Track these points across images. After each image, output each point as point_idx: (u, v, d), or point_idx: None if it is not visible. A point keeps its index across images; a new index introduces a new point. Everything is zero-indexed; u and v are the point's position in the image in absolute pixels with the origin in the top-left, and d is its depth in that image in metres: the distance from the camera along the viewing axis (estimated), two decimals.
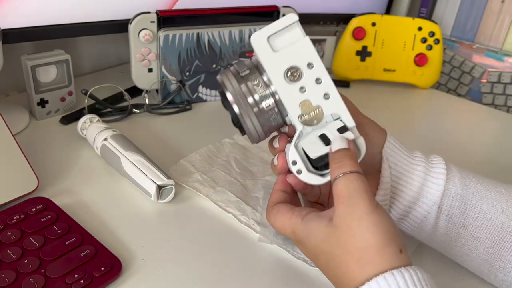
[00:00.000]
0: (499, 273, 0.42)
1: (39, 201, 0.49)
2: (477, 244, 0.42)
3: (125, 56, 0.72)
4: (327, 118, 0.39)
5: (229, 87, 0.39)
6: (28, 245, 0.43)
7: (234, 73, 0.39)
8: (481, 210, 0.41)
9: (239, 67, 0.39)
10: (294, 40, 0.38)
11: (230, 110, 0.40)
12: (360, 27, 0.83)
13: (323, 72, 0.39)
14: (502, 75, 0.89)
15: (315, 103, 0.38)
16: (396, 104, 0.83)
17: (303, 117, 0.38)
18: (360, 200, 0.34)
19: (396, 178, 0.43)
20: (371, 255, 0.33)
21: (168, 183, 0.51)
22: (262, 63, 0.38)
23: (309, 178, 0.39)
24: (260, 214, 0.50)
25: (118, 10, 0.68)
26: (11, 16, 0.61)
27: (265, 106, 0.39)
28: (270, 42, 0.38)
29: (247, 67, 0.39)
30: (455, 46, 0.93)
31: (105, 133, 0.57)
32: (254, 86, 0.39)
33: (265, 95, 0.39)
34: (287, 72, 0.38)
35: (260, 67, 0.39)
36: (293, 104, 0.38)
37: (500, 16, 0.87)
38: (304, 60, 0.38)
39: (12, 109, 0.67)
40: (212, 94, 0.76)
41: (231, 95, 0.39)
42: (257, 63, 0.40)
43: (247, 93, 0.39)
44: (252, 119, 0.39)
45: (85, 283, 0.40)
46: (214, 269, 0.44)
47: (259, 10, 0.73)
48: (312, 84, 0.38)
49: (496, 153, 0.69)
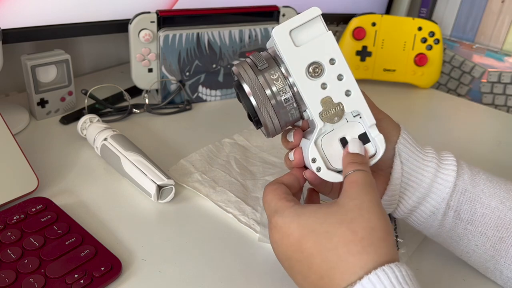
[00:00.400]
0: (505, 269, 0.42)
1: (39, 201, 0.49)
2: (484, 240, 0.42)
3: (125, 56, 0.72)
4: (348, 116, 0.39)
5: (245, 78, 0.38)
6: (28, 245, 0.43)
7: (251, 65, 0.39)
8: (490, 207, 0.41)
9: (256, 59, 0.38)
10: (317, 35, 0.37)
11: (245, 103, 0.39)
12: (360, 27, 0.83)
13: (345, 68, 0.38)
14: (502, 75, 0.89)
15: (337, 100, 0.38)
16: (396, 104, 0.82)
17: (324, 114, 0.38)
18: (371, 189, 0.35)
19: (407, 173, 0.43)
20: (375, 238, 0.32)
21: (168, 183, 0.51)
22: (283, 58, 0.37)
23: (328, 176, 0.39)
24: (260, 214, 0.50)
25: (118, 10, 0.68)
26: (11, 16, 0.61)
27: (283, 99, 0.38)
28: (292, 36, 0.37)
29: (265, 60, 0.38)
30: (455, 46, 0.93)
31: (105, 133, 0.57)
32: (272, 79, 0.38)
33: (284, 88, 0.38)
34: (309, 68, 0.37)
35: (278, 60, 0.38)
36: (314, 101, 0.38)
37: (500, 16, 0.87)
38: (326, 55, 0.37)
39: (12, 109, 0.67)
40: (212, 94, 0.76)
41: (248, 86, 0.38)
42: (275, 55, 0.39)
43: (264, 85, 0.38)
44: (269, 111, 0.38)
45: (85, 283, 0.40)
46: (214, 269, 0.44)
47: (259, 10, 0.73)
48: (334, 80, 0.38)
49: (496, 153, 0.69)
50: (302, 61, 0.37)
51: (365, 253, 0.32)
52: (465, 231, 0.42)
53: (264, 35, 0.73)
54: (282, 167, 0.59)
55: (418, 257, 0.47)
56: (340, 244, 0.32)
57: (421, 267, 0.46)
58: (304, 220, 0.35)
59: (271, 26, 0.73)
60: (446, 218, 0.43)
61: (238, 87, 0.39)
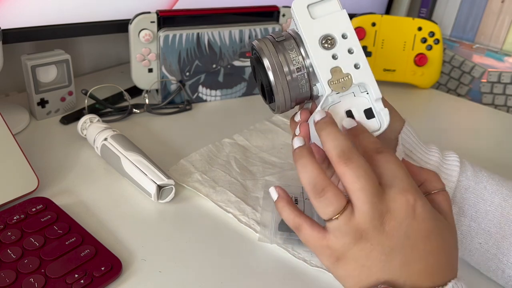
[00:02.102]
0: (507, 268, 0.42)
1: (39, 201, 0.49)
2: (487, 238, 0.42)
3: (125, 56, 0.72)
4: (354, 89, 0.40)
5: (266, 53, 0.40)
6: (28, 245, 0.43)
7: (272, 41, 0.41)
8: (493, 204, 0.42)
9: (275, 34, 0.41)
10: (332, 11, 0.40)
11: (261, 77, 0.41)
12: (360, 27, 0.83)
13: (356, 43, 0.40)
14: (502, 75, 0.89)
15: (346, 71, 0.40)
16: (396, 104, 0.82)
17: (332, 82, 0.40)
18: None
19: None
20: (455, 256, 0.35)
21: (168, 183, 0.51)
22: (299, 27, 0.40)
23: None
24: (260, 214, 0.50)
25: (118, 10, 0.68)
26: (11, 16, 0.61)
27: (297, 74, 0.40)
28: (310, 10, 0.40)
29: (283, 35, 0.41)
30: (455, 46, 0.93)
31: (105, 133, 0.57)
32: (289, 54, 0.40)
33: (299, 61, 0.40)
34: (322, 39, 0.39)
35: (296, 36, 0.41)
36: (324, 69, 0.40)
37: (500, 16, 0.87)
38: (339, 30, 0.40)
39: (12, 109, 0.67)
40: (212, 94, 0.76)
41: (268, 62, 0.40)
42: (294, 33, 0.41)
43: (283, 61, 0.40)
44: (283, 88, 0.40)
45: (85, 283, 0.40)
46: (214, 269, 0.44)
47: (259, 10, 0.74)
48: (345, 53, 0.40)
49: (496, 153, 0.69)
50: (316, 32, 0.40)
51: (450, 266, 0.34)
52: (469, 228, 0.42)
53: (264, 35, 0.73)
54: (282, 167, 0.59)
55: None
56: (453, 257, 0.35)
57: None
58: (439, 221, 0.35)
59: (271, 26, 0.73)
60: None
61: (256, 61, 0.42)
